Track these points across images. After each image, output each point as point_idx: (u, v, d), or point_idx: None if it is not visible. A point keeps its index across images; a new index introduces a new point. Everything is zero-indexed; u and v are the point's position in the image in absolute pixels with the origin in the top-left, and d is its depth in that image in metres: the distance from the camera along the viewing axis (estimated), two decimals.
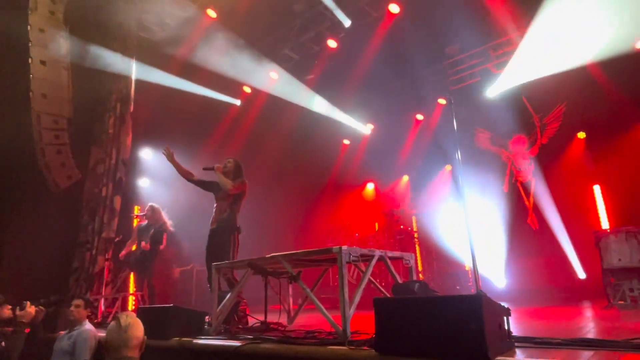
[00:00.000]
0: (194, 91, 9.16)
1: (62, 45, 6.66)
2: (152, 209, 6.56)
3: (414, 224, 10.40)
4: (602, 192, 8.21)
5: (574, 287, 7.69)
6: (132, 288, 7.75)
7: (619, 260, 5.71)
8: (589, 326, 3.58)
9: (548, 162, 9.16)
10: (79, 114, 7.25)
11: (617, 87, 7.98)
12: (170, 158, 5.05)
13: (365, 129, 11.77)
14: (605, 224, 8.03)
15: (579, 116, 8.67)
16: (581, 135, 8.82)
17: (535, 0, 7.55)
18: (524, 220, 9.22)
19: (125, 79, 7.36)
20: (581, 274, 7.86)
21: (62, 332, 4.20)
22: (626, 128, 7.99)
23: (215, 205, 4.94)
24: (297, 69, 9.29)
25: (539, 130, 9.56)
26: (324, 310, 3.16)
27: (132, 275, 7.68)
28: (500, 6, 7.63)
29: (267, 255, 3.69)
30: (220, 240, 4.69)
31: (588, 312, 4.88)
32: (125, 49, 7.38)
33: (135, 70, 7.64)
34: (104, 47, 7.11)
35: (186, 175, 5.07)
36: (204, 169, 5.02)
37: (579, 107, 8.63)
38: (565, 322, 3.97)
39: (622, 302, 5.49)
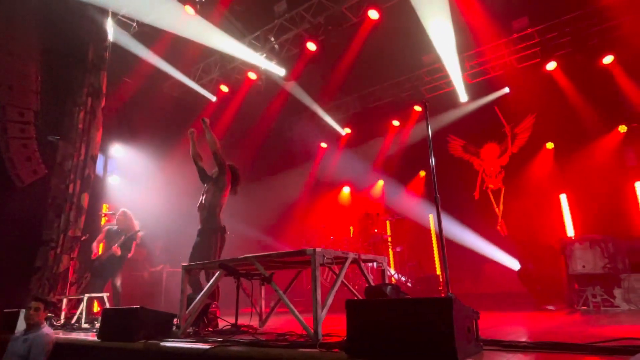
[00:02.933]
0: (170, 72, 9.04)
1: None
2: (125, 214, 6.39)
3: (388, 228, 10.50)
4: (569, 201, 8.51)
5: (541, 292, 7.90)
6: None
7: (583, 267, 5.93)
8: (554, 330, 3.68)
9: (518, 170, 9.44)
10: (48, 107, 6.97)
11: (585, 100, 8.34)
12: (194, 136, 5.17)
13: (343, 132, 11.82)
14: (570, 231, 8.31)
15: (548, 127, 8.98)
16: (550, 145, 9.13)
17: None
18: (493, 227, 9.48)
19: (98, 72, 7.13)
20: (548, 279, 8.07)
21: (17, 333, 4.04)
22: (592, 140, 8.34)
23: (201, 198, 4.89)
24: (276, 70, 9.24)
25: (509, 139, 9.84)
26: (296, 312, 3.13)
27: None
28: (476, 19, 7.84)
29: (239, 257, 3.63)
30: (201, 242, 4.63)
31: (553, 317, 5.02)
32: None
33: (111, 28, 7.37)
34: None
35: (196, 157, 5.16)
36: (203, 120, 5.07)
37: (549, 118, 8.95)
38: (532, 326, 4.07)
39: (585, 307, 5.69)
